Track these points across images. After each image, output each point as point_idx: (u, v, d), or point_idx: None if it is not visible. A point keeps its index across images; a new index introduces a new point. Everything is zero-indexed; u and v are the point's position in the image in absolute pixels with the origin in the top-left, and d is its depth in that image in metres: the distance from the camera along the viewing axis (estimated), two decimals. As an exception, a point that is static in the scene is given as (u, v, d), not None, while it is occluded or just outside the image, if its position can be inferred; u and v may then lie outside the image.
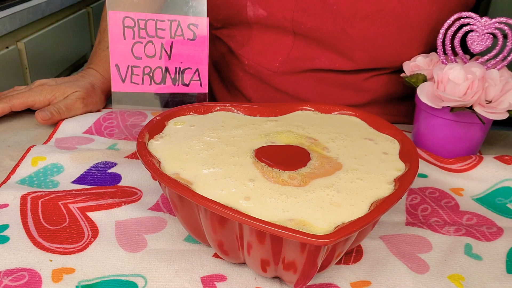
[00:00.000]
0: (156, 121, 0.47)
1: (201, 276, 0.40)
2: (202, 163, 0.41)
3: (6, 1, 1.07)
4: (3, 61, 1.03)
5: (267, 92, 0.76)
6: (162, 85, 0.64)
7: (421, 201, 0.52)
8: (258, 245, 0.35)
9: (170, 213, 0.48)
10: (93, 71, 0.72)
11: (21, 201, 0.47)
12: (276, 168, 0.41)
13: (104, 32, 0.72)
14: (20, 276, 0.39)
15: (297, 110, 0.53)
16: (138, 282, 0.39)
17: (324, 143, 0.46)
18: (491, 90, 0.55)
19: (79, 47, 1.45)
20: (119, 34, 0.61)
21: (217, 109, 0.51)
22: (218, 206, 0.34)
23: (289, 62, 0.72)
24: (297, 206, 0.37)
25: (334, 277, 0.41)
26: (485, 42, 0.57)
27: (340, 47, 0.68)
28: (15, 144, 0.59)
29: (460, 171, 0.57)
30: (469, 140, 0.58)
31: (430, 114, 0.59)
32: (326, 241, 0.31)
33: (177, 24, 0.62)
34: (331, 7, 0.65)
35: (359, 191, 0.39)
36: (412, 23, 0.66)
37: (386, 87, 0.74)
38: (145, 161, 0.39)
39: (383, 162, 0.43)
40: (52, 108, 0.63)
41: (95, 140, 0.60)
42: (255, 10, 0.68)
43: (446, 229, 0.47)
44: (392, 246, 0.45)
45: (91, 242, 0.43)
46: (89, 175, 0.53)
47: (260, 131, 0.48)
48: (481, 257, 0.44)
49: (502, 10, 1.34)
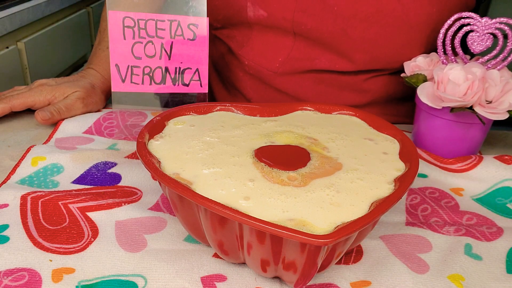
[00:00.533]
0: (156, 121, 0.47)
1: (201, 276, 0.40)
2: (202, 163, 0.41)
3: (6, 1, 1.07)
4: (3, 61, 1.03)
5: (267, 92, 0.76)
6: (162, 85, 0.64)
7: (421, 201, 0.52)
8: (258, 245, 0.35)
9: (170, 213, 0.48)
10: (93, 71, 0.72)
11: (21, 201, 0.47)
12: (276, 168, 0.41)
13: (104, 32, 0.73)
14: (20, 276, 0.39)
15: (297, 110, 0.53)
16: (138, 282, 0.39)
17: (324, 143, 0.46)
18: (492, 91, 0.55)
19: (79, 47, 1.45)
20: (119, 34, 0.61)
21: (217, 109, 0.51)
22: (218, 206, 0.34)
23: (289, 63, 0.72)
24: (297, 206, 0.37)
25: (334, 277, 0.41)
26: (485, 42, 0.57)
27: (340, 48, 0.68)
28: (15, 144, 0.59)
29: (460, 171, 0.57)
30: (469, 140, 0.58)
31: (430, 115, 0.59)
32: (326, 241, 0.31)
33: (177, 24, 0.62)
34: (331, 8, 0.65)
35: (359, 191, 0.39)
36: (412, 24, 0.66)
37: (386, 87, 0.74)
38: (145, 161, 0.39)
39: (383, 162, 0.43)
40: (52, 108, 0.63)
41: (95, 140, 0.60)
42: (255, 11, 0.68)
43: (446, 229, 0.47)
44: (392, 246, 0.45)
45: (91, 242, 0.43)
46: (89, 175, 0.53)
47: (260, 131, 0.48)
48: (481, 257, 0.44)
49: (502, 10, 1.34)
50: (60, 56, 1.31)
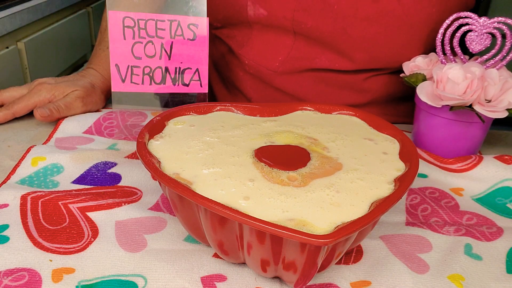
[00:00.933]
0: (156, 121, 0.47)
1: (201, 276, 0.40)
2: (202, 163, 0.41)
3: (6, 1, 1.07)
4: (3, 61, 1.03)
5: (267, 92, 0.76)
6: (162, 85, 0.64)
7: (421, 201, 0.52)
8: (258, 245, 0.35)
9: (170, 213, 0.48)
10: (93, 71, 0.72)
11: (21, 201, 0.47)
12: (276, 168, 0.41)
13: (105, 32, 0.72)
14: (20, 276, 0.39)
15: (297, 110, 0.53)
16: (138, 282, 0.39)
17: (324, 143, 0.46)
18: (491, 89, 0.55)
19: (79, 47, 1.45)
20: (119, 34, 0.61)
21: (217, 109, 0.51)
22: (218, 206, 0.34)
23: (289, 62, 0.72)
24: (297, 206, 0.37)
25: (334, 277, 0.41)
26: (484, 42, 0.57)
27: (340, 47, 0.68)
28: (15, 144, 0.59)
29: (460, 171, 0.57)
30: (469, 139, 0.58)
31: (430, 114, 0.59)
32: (326, 241, 0.31)
33: (177, 24, 0.62)
34: (331, 7, 0.65)
35: (359, 191, 0.39)
36: (412, 24, 0.66)
37: (386, 87, 0.74)
38: (145, 161, 0.39)
39: (383, 162, 0.43)
40: (51, 106, 0.63)
41: (95, 140, 0.60)
42: (255, 10, 0.68)
43: (446, 229, 0.47)
44: (392, 246, 0.45)
45: (91, 242, 0.43)
46: (89, 175, 0.53)
47: (260, 131, 0.48)
48: (481, 257, 0.44)
49: (501, 10, 1.34)
50: (60, 56, 1.31)
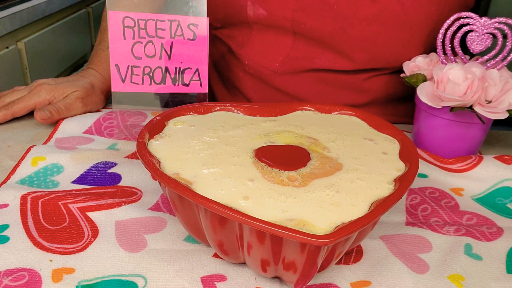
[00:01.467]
0: (156, 121, 0.47)
1: (201, 276, 0.40)
2: (202, 163, 0.41)
3: (6, 1, 1.07)
4: (3, 61, 1.03)
5: (267, 92, 0.76)
6: (162, 85, 0.64)
7: (421, 201, 0.52)
8: (258, 245, 0.35)
9: (170, 213, 0.48)
10: (93, 71, 0.72)
11: (21, 201, 0.47)
12: (276, 168, 0.41)
13: (105, 32, 0.72)
14: (20, 276, 0.39)
15: (297, 110, 0.53)
16: (138, 282, 0.39)
17: (324, 143, 0.46)
18: (491, 90, 0.55)
19: (79, 47, 1.45)
20: (119, 34, 0.61)
21: (217, 109, 0.51)
22: (218, 206, 0.34)
23: (289, 62, 0.72)
24: (297, 206, 0.37)
25: (334, 277, 0.41)
26: (484, 42, 0.57)
27: (340, 47, 0.68)
28: (15, 144, 0.59)
29: (460, 171, 0.57)
30: (469, 140, 0.58)
31: (430, 114, 0.59)
32: (326, 241, 0.31)
33: (177, 24, 0.62)
34: (331, 7, 0.65)
35: (359, 191, 0.39)
36: (412, 24, 0.66)
37: (386, 87, 0.74)
38: (145, 161, 0.39)
39: (383, 162, 0.43)
40: (51, 107, 0.63)
41: (95, 140, 0.60)
42: (255, 10, 0.68)
43: (446, 229, 0.47)
44: (392, 246, 0.45)
45: (91, 242, 0.43)
46: (89, 175, 0.53)
47: (260, 131, 0.48)
48: (481, 257, 0.44)
49: (502, 10, 1.34)
50: (60, 56, 1.31)
